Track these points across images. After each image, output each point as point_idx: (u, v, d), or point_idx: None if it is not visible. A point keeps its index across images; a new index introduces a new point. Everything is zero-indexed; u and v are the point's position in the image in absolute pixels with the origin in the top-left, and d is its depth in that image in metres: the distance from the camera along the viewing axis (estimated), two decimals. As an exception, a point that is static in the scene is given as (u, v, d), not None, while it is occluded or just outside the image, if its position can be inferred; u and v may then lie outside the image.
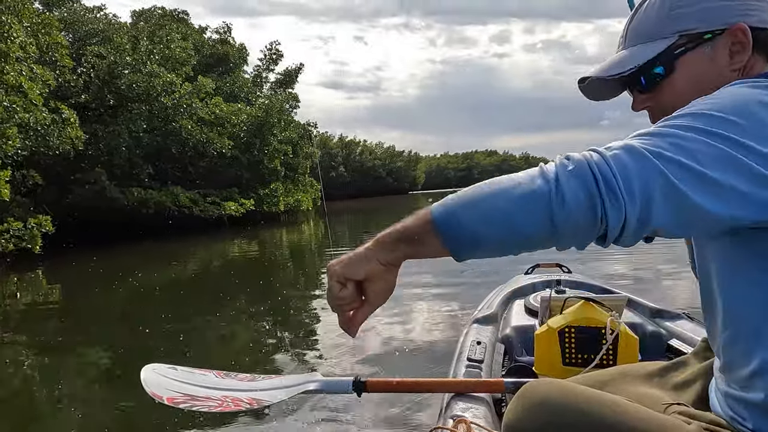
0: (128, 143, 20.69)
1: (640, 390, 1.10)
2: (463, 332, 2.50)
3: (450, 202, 0.75)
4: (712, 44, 0.88)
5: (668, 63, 0.92)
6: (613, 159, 0.67)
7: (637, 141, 0.70)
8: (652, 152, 0.67)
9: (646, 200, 0.66)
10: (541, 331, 1.97)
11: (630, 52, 0.95)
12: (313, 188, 33.32)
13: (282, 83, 34.83)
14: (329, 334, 4.75)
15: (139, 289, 8.97)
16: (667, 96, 0.94)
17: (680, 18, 0.90)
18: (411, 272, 7.57)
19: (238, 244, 16.99)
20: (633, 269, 6.02)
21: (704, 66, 0.89)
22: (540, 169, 0.71)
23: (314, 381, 2.25)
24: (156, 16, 28.12)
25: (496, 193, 0.72)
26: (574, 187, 0.67)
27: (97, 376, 4.23)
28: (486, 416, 1.65)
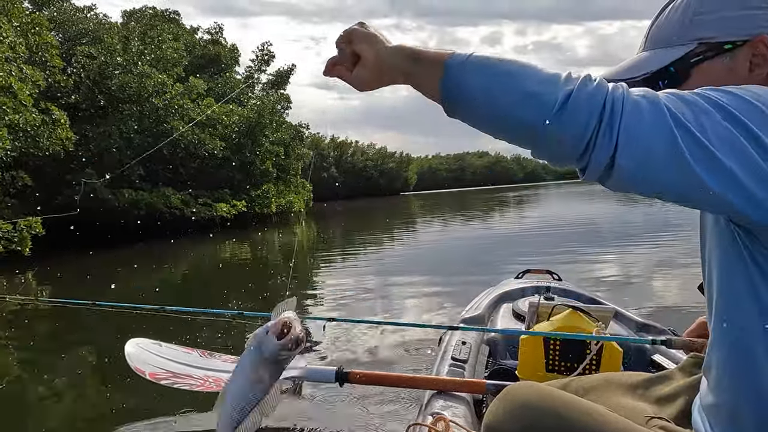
0: (119, 144, 20.56)
1: (623, 400, 1.10)
2: (449, 332, 2.49)
3: (472, 56, 0.76)
4: (732, 55, 0.86)
5: (684, 70, 0.90)
6: (633, 103, 0.67)
7: (665, 98, 0.68)
8: (673, 115, 0.66)
9: (646, 152, 0.66)
10: (527, 337, 1.98)
11: (648, 55, 0.93)
12: (305, 189, 33.27)
13: (274, 84, 34.76)
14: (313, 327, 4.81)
15: (130, 291, 8.92)
16: None
17: (701, 25, 0.88)
18: (404, 270, 7.61)
19: (229, 245, 16.93)
20: (623, 276, 6.03)
21: (721, 76, 0.86)
22: (565, 77, 0.70)
23: (298, 368, 2.27)
24: (147, 16, 27.97)
25: (517, 70, 0.72)
26: (579, 105, 0.67)
27: (88, 377, 4.20)
28: (465, 415, 1.68)
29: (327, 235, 19.98)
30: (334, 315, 5.23)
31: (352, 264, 9.91)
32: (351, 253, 12.05)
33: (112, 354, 4.48)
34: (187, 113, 22.40)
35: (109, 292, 9.02)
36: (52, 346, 5.28)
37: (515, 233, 11.85)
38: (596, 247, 8.60)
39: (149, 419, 2.96)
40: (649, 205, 19.34)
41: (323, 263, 10.45)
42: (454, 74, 0.75)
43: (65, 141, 16.31)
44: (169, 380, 2.27)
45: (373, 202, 58.17)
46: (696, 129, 0.66)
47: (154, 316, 2.63)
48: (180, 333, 3.91)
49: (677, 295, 5.17)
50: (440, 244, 12.35)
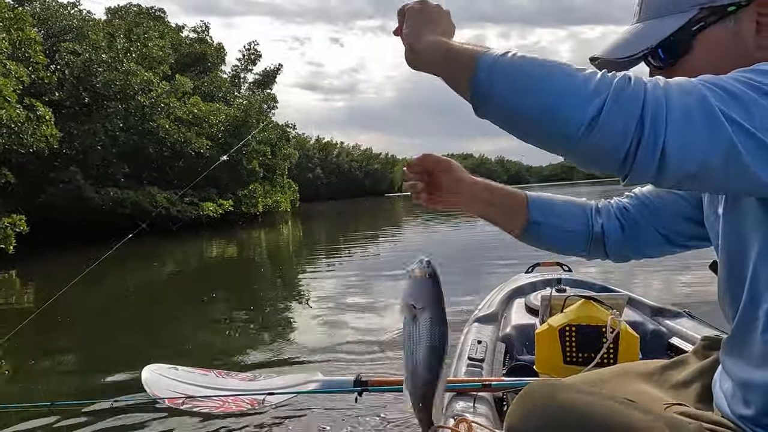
0: (104, 142, 20.33)
1: (641, 388, 1.09)
2: (463, 331, 2.49)
3: (503, 57, 0.73)
4: (736, 17, 0.78)
5: (685, 41, 0.81)
6: (681, 110, 0.63)
7: (711, 93, 0.64)
8: (727, 116, 0.62)
9: (701, 162, 0.63)
10: (542, 330, 1.96)
11: (644, 27, 0.85)
12: (291, 189, 33.18)
13: (260, 84, 34.63)
14: (324, 335, 4.75)
15: (115, 290, 8.85)
16: (686, 76, 0.80)
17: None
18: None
19: (216, 245, 16.83)
20: (634, 266, 6.03)
21: (727, 42, 0.79)
22: (597, 83, 0.65)
23: (315, 381, 2.25)
24: (132, 13, 27.70)
25: (547, 76, 0.69)
26: (612, 121, 0.64)
27: (72, 376, 4.13)
28: (487, 415, 1.65)
29: (327, 234, 19.95)
30: (334, 320, 5.27)
31: (353, 262, 9.92)
32: (350, 252, 12.05)
33: (96, 354, 4.43)
34: (174, 111, 22.22)
35: (100, 289, 8.94)
36: (35, 346, 5.21)
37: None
38: None
39: None
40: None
41: (316, 264, 10.44)
42: (483, 75, 0.73)
43: (50, 138, 16.08)
44: (189, 404, 2.22)
45: (359, 203, 58.14)
46: (750, 125, 0.62)
47: (145, 329, 2.62)
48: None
49: (689, 276, 5.13)
50: (442, 243, 12.37)
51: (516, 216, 1.15)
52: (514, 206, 1.15)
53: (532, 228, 1.15)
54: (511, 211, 1.15)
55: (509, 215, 1.16)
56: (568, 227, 1.16)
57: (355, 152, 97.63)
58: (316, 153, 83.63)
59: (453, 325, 3.64)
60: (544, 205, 1.17)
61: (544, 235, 1.16)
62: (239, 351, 4.44)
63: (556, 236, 1.17)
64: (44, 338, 5.24)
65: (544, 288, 2.72)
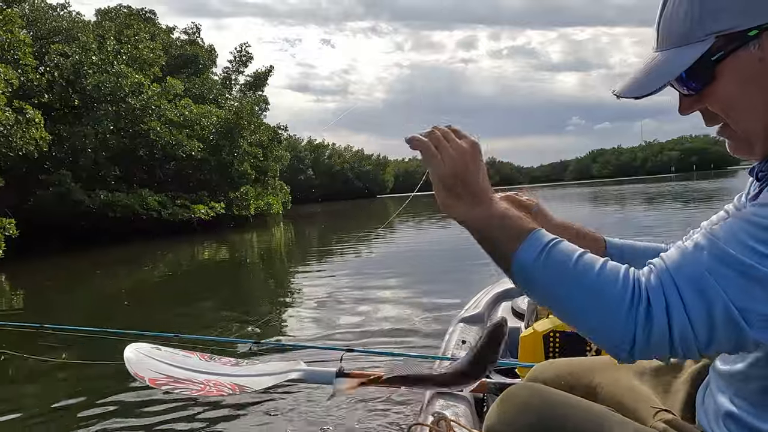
0: (94, 145, 20.22)
1: (633, 384, 1.10)
2: (448, 330, 2.52)
3: (548, 254, 0.76)
4: (760, 42, 0.72)
5: (707, 71, 0.76)
6: (703, 322, 0.66)
7: (713, 282, 0.66)
8: (737, 306, 0.65)
9: (709, 342, 0.67)
10: (527, 334, 1.98)
11: (662, 59, 0.80)
12: (283, 192, 33.12)
13: (252, 86, 34.55)
14: (310, 328, 4.77)
15: (106, 294, 8.81)
16: (714, 105, 0.79)
17: (714, 16, 0.73)
18: (400, 272, 7.64)
19: (208, 247, 16.78)
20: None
21: (752, 69, 0.73)
22: (628, 309, 0.69)
23: (298, 370, 2.27)
24: (122, 15, 27.55)
25: (585, 289, 0.73)
26: (648, 348, 0.69)
27: (61, 383, 4.11)
28: (466, 415, 1.68)
29: (319, 235, 19.93)
30: (321, 316, 5.29)
31: (344, 265, 9.90)
32: (342, 253, 12.05)
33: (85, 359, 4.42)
34: (165, 114, 22.14)
35: (92, 292, 8.91)
36: (24, 351, 5.19)
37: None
38: None
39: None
40: (621, 206, 19.74)
41: (308, 265, 10.45)
42: (527, 264, 0.77)
43: (40, 141, 15.98)
44: (170, 386, 2.21)
45: (351, 204, 58.09)
46: (753, 304, 0.65)
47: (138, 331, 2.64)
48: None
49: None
50: (433, 243, 12.42)
51: None
52: (594, 250, 1.05)
53: None
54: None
55: None
56: None
57: (347, 153, 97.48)
58: (308, 155, 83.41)
59: (439, 324, 3.66)
60: (620, 249, 1.11)
61: None
62: (224, 341, 4.47)
63: None
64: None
65: None
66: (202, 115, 24.39)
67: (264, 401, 3.03)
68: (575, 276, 0.73)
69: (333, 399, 2.90)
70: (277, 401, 3.03)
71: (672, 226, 10.89)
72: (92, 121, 20.45)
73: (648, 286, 0.69)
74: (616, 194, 31.36)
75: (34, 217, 18.20)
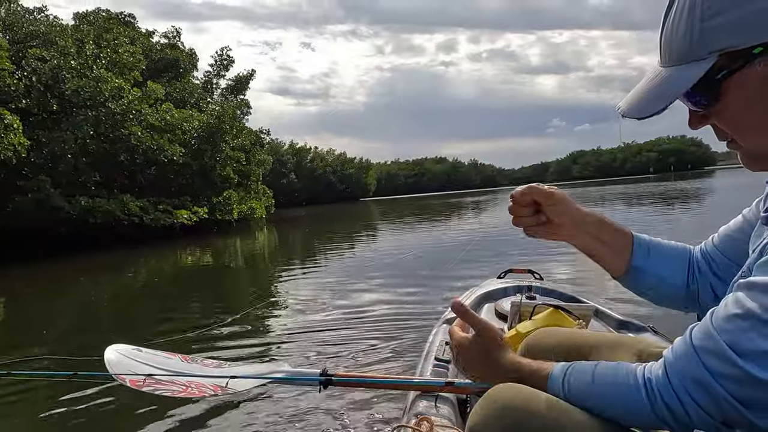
0: (74, 150, 19.97)
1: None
2: (432, 332, 2.50)
3: (568, 384, 0.89)
4: (765, 59, 0.69)
5: (712, 89, 0.74)
6: (708, 409, 0.73)
7: (714, 382, 0.71)
8: (737, 397, 0.70)
9: (730, 420, 0.73)
10: (510, 336, 1.94)
11: (666, 77, 0.78)
12: (266, 196, 33.00)
13: (233, 89, 34.41)
14: (294, 331, 4.76)
15: (88, 301, 8.73)
16: (721, 122, 0.79)
17: (716, 33, 0.71)
18: (383, 274, 7.66)
19: (191, 253, 16.68)
20: (604, 278, 6.13)
21: (759, 87, 0.71)
22: (650, 407, 0.78)
23: (281, 371, 2.24)
24: (101, 19, 27.24)
25: (607, 397, 0.84)
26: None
27: (40, 394, 4.10)
28: (450, 416, 1.67)
29: (303, 239, 19.89)
30: (306, 319, 5.32)
31: (324, 269, 9.91)
32: (325, 256, 12.06)
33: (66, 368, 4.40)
34: (146, 118, 21.95)
35: (73, 300, 8.82)
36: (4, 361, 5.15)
37: (489, 235, 12.04)
38: (571, 246, 8.88)
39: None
40: (602, 206, 20.01)
41: (292, 268, 10.46)
42: (559, 396, 0.89)
43: (18, 147, 15.76)
44: (151, 387, 2.18)
45: (334, 208, 57.98)
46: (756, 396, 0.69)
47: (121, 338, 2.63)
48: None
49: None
50: (416, 245, 12.47)
51: (622, 255, 1.07)
52: (621, 244, 1.07)
53: (632, 272, 1.08)
54: (617, 249, 1.07)
55: (615, 254, 1.08)
56: (667, 277, 1.07)
57: (330, 157, 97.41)
58: (290, 158, 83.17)
59: (423, 326, 3.70)
60: (646, 246, 1.08)
61: (642, 283, 1.09)
62: (208, 346, 4.45)
63: (652, 285, 1.09)
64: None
65: (514, 294, 2.74)
66: (183, 120, 24.21)
67: (246, 403, 3.02)
68: (598, 395, 0.85)
69: (316, 400, 2.90)
70: (260, 403, 3.02)
71: (654, 225, 11.06)
72: (72, 126, 20.19)
73: (659, 386, 0.78)
74: (597, 195, 31.72)
75: (12, 223, 17.92)
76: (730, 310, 0.72)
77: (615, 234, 1.07)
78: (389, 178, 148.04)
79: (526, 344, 1.34)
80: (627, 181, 62.35)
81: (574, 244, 1.10)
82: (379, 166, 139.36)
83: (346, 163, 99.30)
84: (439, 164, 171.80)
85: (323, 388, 2.09)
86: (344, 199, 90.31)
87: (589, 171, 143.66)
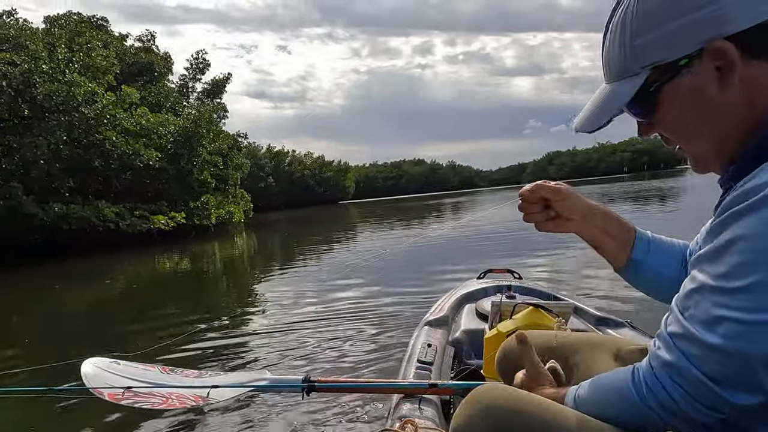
0: (47, 156, 19.58)
1: (612, 365, 1.12)
2: (413, 334, 2.51)
3: (578, 401, 0.91)
4: (691, 70, 0.75)
5: (649, 101, 0.81)
6: (694, 394, 0.73)
7: (689, 365, 0.72)
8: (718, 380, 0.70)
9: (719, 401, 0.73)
10: (491, 335, 1.98)
11: (608, 92, 0.85)
12: (244, 200, 32.75)
13: (209, 93, 34.11)
14: (275, 337, 4.72)
15: (64, 310, 8.59)
16: (663, 131, 0.85)
17: (645, 49, 0.78)
18: (363, 277, 7.66)
19: (168, 258, 16.47)
20: (582, 276, 6.11)
21: (689, 95, 0.77)
22: (644, 407, 0.79)
23: (263, 379, 2.24)
24: (73, 22, 26.79)
25: (610, 405, 0.85)
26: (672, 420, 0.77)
27: (14, 410, 4.02)
28: (434, 417, 1.68)
29: (282, 242, 19.77)
30: (287, 325, 5.30)
31: (304, 274, 9.88)
32: (304, 259, 12.01)
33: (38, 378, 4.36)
34: (120, 123, 21.63)
35: (47, 307, 8.65)
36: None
37: (468, 236, 12.10)
38: (550, 245, 8.86)
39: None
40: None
41: (272, 273, 10.41)
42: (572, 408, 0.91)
43: (-12, 153, 15.40)
44: (130, 400, 2.14)
45: (313, 211, 57.70)
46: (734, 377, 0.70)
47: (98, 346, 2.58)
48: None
49: (630, 286, 5.37)
50: (396, 247, 12.47)
51: (624, 248, 1.10)
52: (625, 237, 1.11)
53: (632, 266, 1.10)
54: (621, 241, 1.11)
55: (619, 246, 1.11)
56: (664, 272, 1.09)
57: (308, 160, 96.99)
58: (268, 162, 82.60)
59: (405, 329, 3.70)
60: (647, 241, 1.11)
61: (641, 277, 1.11)
62: (188, 356, 4.37)
63: (649, 279, 1.11)
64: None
65: (494, 294, 2.77)
66: (159, 124, 23.93)
67: (229, 412, 2.98)
68: (601, 400, 0.87)
69: (299, 407, 2.87)
70: (243, 412, 2.97)
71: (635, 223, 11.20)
72: (44, 132, 19.79)
73: (645, 376, 0.79)
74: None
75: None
76: (686, 288, 0.75)
77: (620, 227, 1.11)
78: (368, 181, 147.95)
79: (503, 349, 1.32)
80: (602, 181, 63.25)
81: (582, 236, 1.14)
82: (357, 169, 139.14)
83: (324, 166, 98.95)
84: (418, 166, 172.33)
85: (306, 394, 2.08)
86: (323, 202, 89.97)
87: (564, 171, 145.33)
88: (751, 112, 0.74)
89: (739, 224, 0.68)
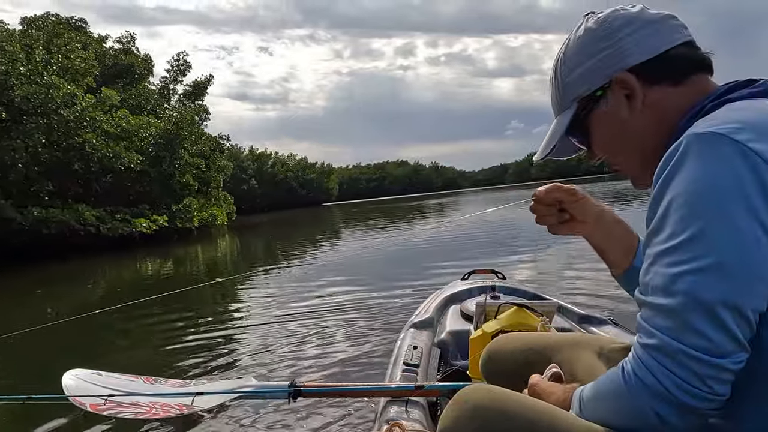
0: (25, 159, 19.27)
1: (594, 362, 1.13)
2: (399, 337, 2.53)
3: (582, 405, 0.88)
4: (605, 100, 0.92)
5: (581, 128, 0.97)
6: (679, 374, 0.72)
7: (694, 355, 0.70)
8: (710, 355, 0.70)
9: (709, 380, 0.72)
10: (476, 336, 1.99)
11: (554, 125, 1.01)
12: (227, 202, 32.51)
13: (191, 95, 33.83)
14: (260, 342, 4.69)
15: (46, 315, 8.47)
16: (600, 153, 1.00)
17: (572, 85, 0.95)
18: (347, 279, 7.66)
19: (151, 262, 16.31)
20: (564, 276, 6.17)
21: (608, 120, 0.93)
22: (638, 407, 0.76)
23: (248, 386, 2.24)
24: (51, 23, 26.39)
25: (612, 408, 0.82)
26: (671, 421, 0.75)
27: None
28: (421, 419, 1.69)
29: (265, 245, 19.67)
30: (271, 329, 5.29)
31: (287, 276, 9.85)
32: (288, 262, 11.96)
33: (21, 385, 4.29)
34: (100, 125, 21.35)
35: (27, 314, 8.51)
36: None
37: (452, 237, 12.15)
38: (531, 245, 8.95)
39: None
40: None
41: (256, 276, 10.36)
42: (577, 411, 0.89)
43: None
44: (113, 410, 2.10)
45: (296, 213, 57.42)
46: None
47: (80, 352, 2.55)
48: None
49: (612, 284, 5.38)
50: (380, 249, 12.49)
51: (627, 255, 1.12)
52: (629, 244, 1.13)
53: (631, 272, 1.10)
54: (626, 247, 1.13)
55: (624, 252, 1.13)
56: None
57: (291, 162, 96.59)
58: (251, 164, 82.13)
59: (390, 331, 3.69)
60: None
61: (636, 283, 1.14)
62: (171, 362, 4.32)
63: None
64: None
65: (479, 295, 2.78)
66: (140, 126, 23.68)
67: (214, 420, 2.91)
68: (600, 398, 0.86)
69: (285, 413, 2.84)
70: (228, 419, 2.90)
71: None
72: (22, 135, 19.47)
73: (632, 364, 0.77)
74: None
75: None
76: (643, 268, 0.80)
77: (625, 232, 1.15)
78: (351, 182, 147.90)
79: (488, 351, 1.32)
80: (584, 181, 63.83)
81: (590, 240, 1.16)
82: (340, 171, 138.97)
83: (307, 168, 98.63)
84: (401, 167, 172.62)
85: (293, 399, 2.08)
86: (306, 204, 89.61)
87: (546, 172, 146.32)
88: (662, 127, 0.87)
89: (671, 187, 0.75)
